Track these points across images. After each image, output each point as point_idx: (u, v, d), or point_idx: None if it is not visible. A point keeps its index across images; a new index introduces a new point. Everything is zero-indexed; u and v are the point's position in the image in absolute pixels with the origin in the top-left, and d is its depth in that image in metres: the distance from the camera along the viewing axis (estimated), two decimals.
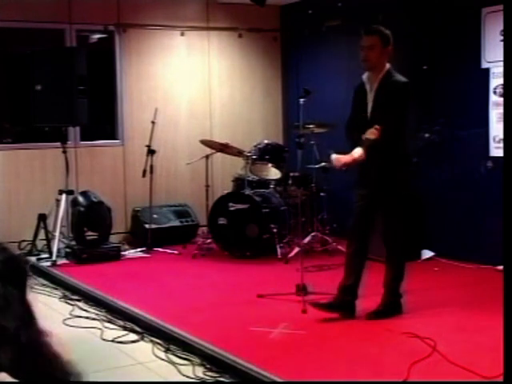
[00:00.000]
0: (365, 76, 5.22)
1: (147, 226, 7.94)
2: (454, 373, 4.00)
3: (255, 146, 7.73)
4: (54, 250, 7.24)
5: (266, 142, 7.84)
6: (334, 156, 5.14)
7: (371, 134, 4.95)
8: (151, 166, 7.87)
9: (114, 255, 7.40)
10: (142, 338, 4.88)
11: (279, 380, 3.96)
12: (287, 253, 7.20)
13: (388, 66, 5.12)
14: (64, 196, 7.48)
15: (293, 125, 7.86)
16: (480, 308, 5.35)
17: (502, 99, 6.34)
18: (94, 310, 5.62)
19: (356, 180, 5.31)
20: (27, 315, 1.34)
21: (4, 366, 1.24)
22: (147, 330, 5.00)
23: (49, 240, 7.40)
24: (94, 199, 7.42)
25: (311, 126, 7.25)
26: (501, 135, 6.47)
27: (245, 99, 9.19)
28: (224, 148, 7.85)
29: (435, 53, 7.23)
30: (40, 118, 7.56)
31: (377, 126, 4.93)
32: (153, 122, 7.90)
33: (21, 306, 1.33)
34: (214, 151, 7.96)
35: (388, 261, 5.24)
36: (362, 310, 5.18)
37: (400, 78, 5.09)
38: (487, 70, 6.70)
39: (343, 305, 5.13)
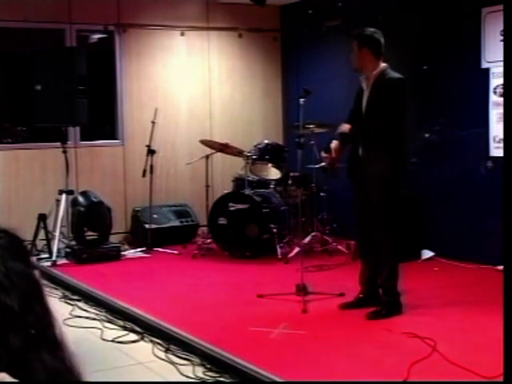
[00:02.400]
0: (362, 76, 5.29)
1: (147, 225, 7.94)
2: (454, 373, 4.00)
3: (255, 146, 7.73)
4: (54, 249, 7.24)
5: (266, 141, 7.84)
6: (323, 155, 5.55)
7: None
8: (151, 166, 7.87)
9: (114, 255, 7.40)
10: (142, 338, 4.88)
11: (279, 380, 3.96)
12: (287, 253, 7.19)
13: (383, 65, 5.19)
14: (64, 196, 7.48)
15: (293, 125, 7.85)
16: (480, 308, 5.35)
17: (501, 99, 6.34)
18: (94, 310, 5.62)
19: (352, 183, 5.40)
20: (33, 292, 1.32)
21: (15, 349, 1.23)
22: (147, 330, 5.00)
23: (49, 240, 7.39)
24: (94, 199, 7.42)
25: (311, 125, 7.24)
26: (501, 135, 6.47)
27: (245, 99, 9.18)
28: (224, 148, 7.84)
29: (435, 53, 7.23)
30: (40, 118, 7.56)
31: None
32: (153, 122, 7.90)
33: (26, 282, 1.31)
34: (213, 151, 7.96)
35: (379, 260, 5.23)
36: (362, 310, 5.19)
37: (394, 74, 5.17)
38: (487, 70, 6.70)
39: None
